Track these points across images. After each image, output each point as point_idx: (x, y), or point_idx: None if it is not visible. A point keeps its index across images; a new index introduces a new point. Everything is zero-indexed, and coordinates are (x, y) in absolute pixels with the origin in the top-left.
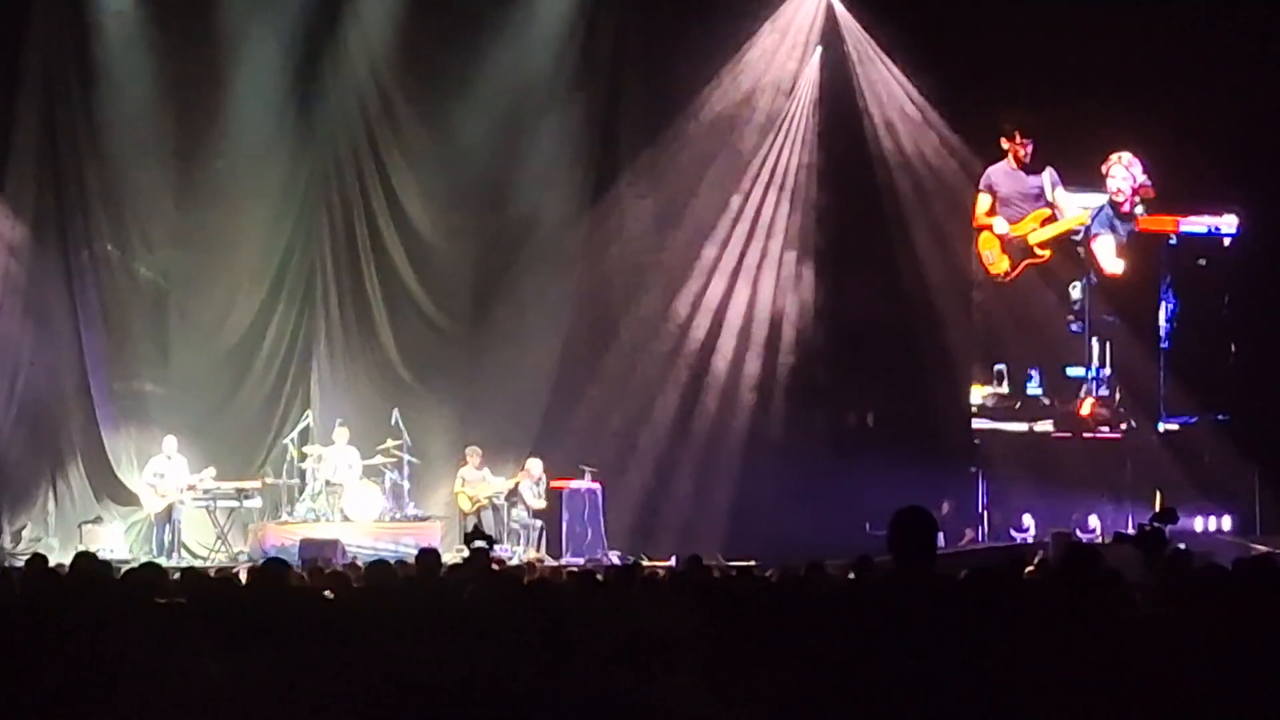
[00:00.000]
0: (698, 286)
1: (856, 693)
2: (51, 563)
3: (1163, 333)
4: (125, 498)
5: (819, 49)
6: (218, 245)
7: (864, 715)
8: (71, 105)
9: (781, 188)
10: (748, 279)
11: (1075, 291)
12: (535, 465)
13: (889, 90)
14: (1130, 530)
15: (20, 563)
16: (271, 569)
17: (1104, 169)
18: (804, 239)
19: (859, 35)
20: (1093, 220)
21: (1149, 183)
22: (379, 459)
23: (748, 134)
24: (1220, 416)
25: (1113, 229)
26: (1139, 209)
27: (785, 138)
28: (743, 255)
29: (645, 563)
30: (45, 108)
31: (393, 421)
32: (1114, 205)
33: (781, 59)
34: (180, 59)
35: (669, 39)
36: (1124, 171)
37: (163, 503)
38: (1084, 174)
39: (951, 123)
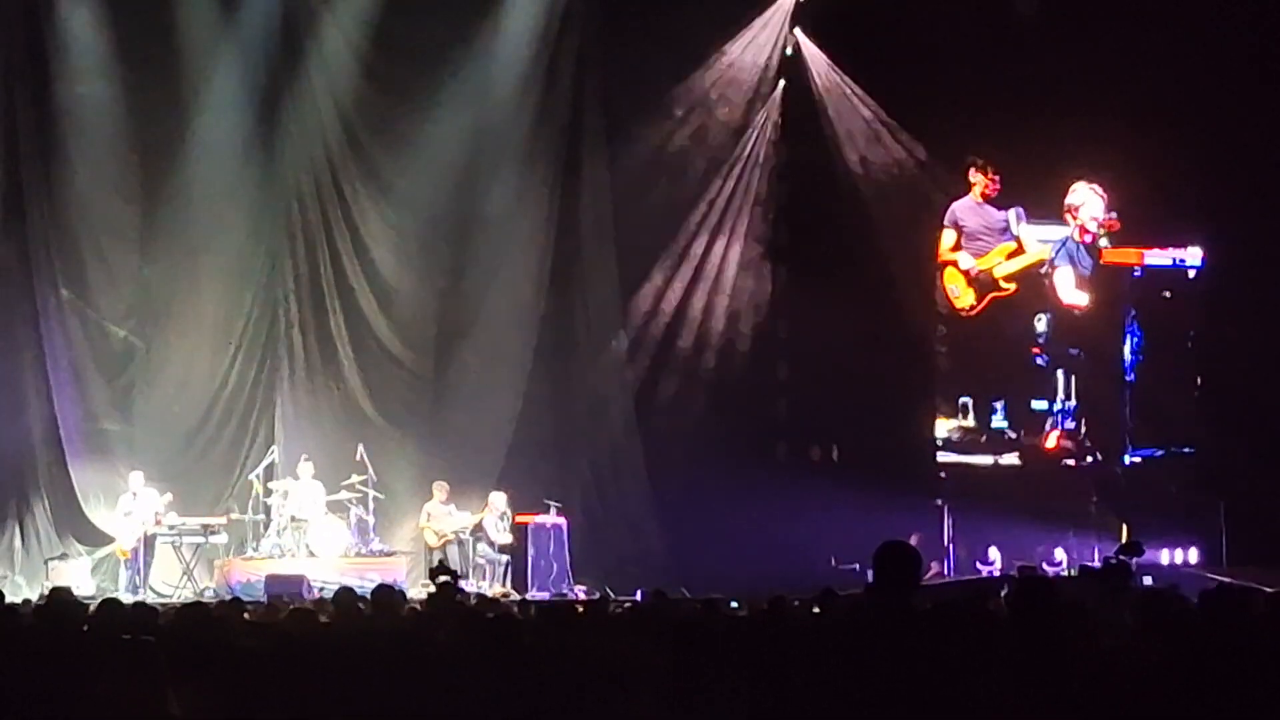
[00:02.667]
0: (661, 321)
1: None
2: (18, 599)
3: (1128, 365)
4: (91, 536)
5: (781, 83)
6: (182, 282)
7: None
8: (34, 144)
9: (742, 222)
10: (710, 313)
11: (1040, 324)
12: (499, 499)
13: (853, 124)
14: (1096, 563)
15: None
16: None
17: (1065, 200)
18: (766, 274)
19: (824, 67)
20: (1055, 253)
21: (1114, 215)
22: (344, 494)
23: (708, 169)
24: (1186, 449)
25: (1073, 261)
26: (1103, 241)
27: (745, 172)
28: (709, 292)
29: (610, 597)
30: (7, 147)
31: (358, 457)
32: (1077, 238)
33: (744, 90)
34: (143, 97)
35: (629, 72)
36: (1090, 199)
37: (135, 536)
38: (1048, 206)
39: (916, 156)
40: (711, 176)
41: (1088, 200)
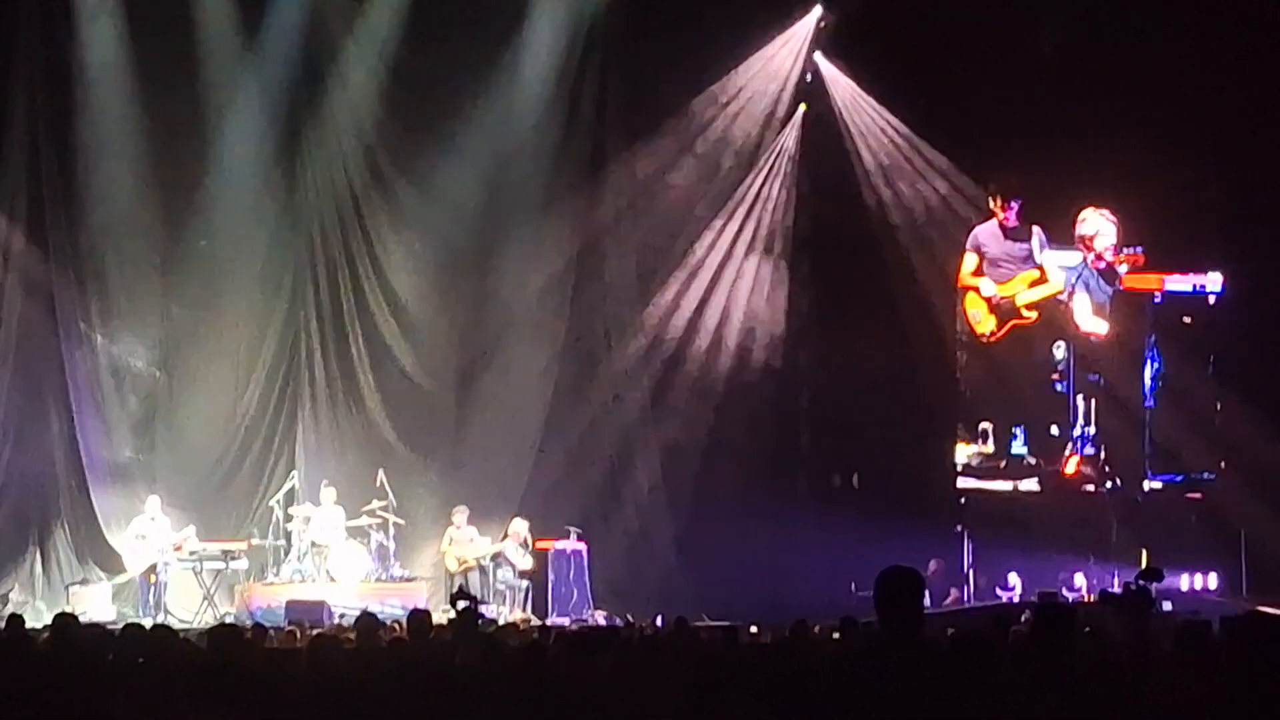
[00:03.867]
0: (681, 346)
1: None
2: (38, 625)
3: (1147, 391)
4: (111, 561)
5: (801, 106)
6: (204, 311)
7: None
8: (56, 173)
9: (761, 247)
10: (731, 338)
11: (1059, 351)
12: (520, 526)
13: (876, 146)
14: (1116, 589)
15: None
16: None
17: (1076, 230)
18: (787, 300)
19: (845, 89)
20: (1073, 281)
21: (1139, 250)
22: (364, 520)
23: (728, 195)
24: (1206, 475)
25: (1089, 289)
26: (1122, 268)
27: (765, 197)
28: (725, 315)
29: (631, 623)
30: (31, 175)
31: (378, 483)
32: (1090, 265)
33: (763, 111)
34: (165, 126)
35: (649, 99)
36: (1102, 226)
37: (146, 563)
38: (1067, 231)
39: (940, 180)
40: (732, 204)
41: (1100, 228)
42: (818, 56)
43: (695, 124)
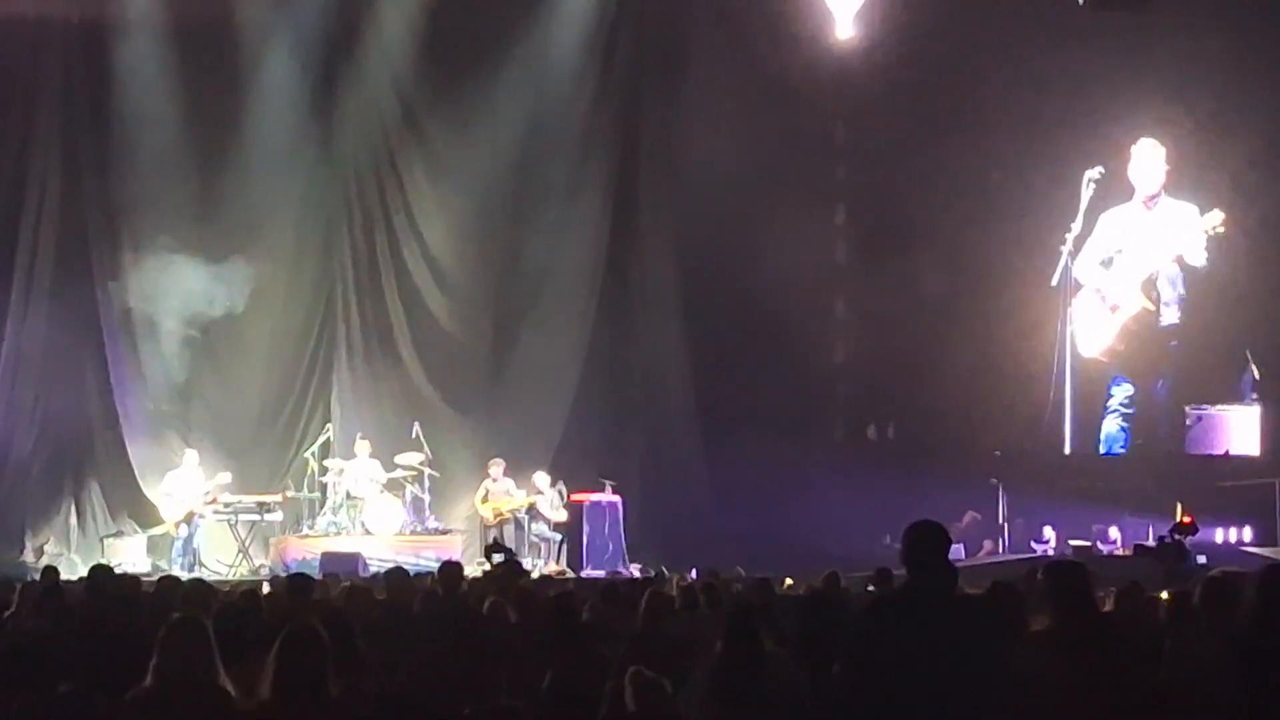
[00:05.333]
0: (717, 296)
1: (873, 706)
2: (73, 577)
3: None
4: (145, 514)
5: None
6: (239, 262)
7: None
8: (90, 126)
9: (804, 199)
10: (769, 291)
11: None
12: (542, 479)
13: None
14: (1151, 542)
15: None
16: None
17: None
18: (827, 249)
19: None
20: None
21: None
22: (399, 472)
23: (771, 144)
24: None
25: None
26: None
27: (808, 148)
28: (762, 265)
29: (665, 575)
30: (65, 122)
31: (413, 435)
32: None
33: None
34: (199, 77)
35: (691, 45)
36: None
37: (180, 512)
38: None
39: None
40: (774, 152)
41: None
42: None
43: (738, 71)
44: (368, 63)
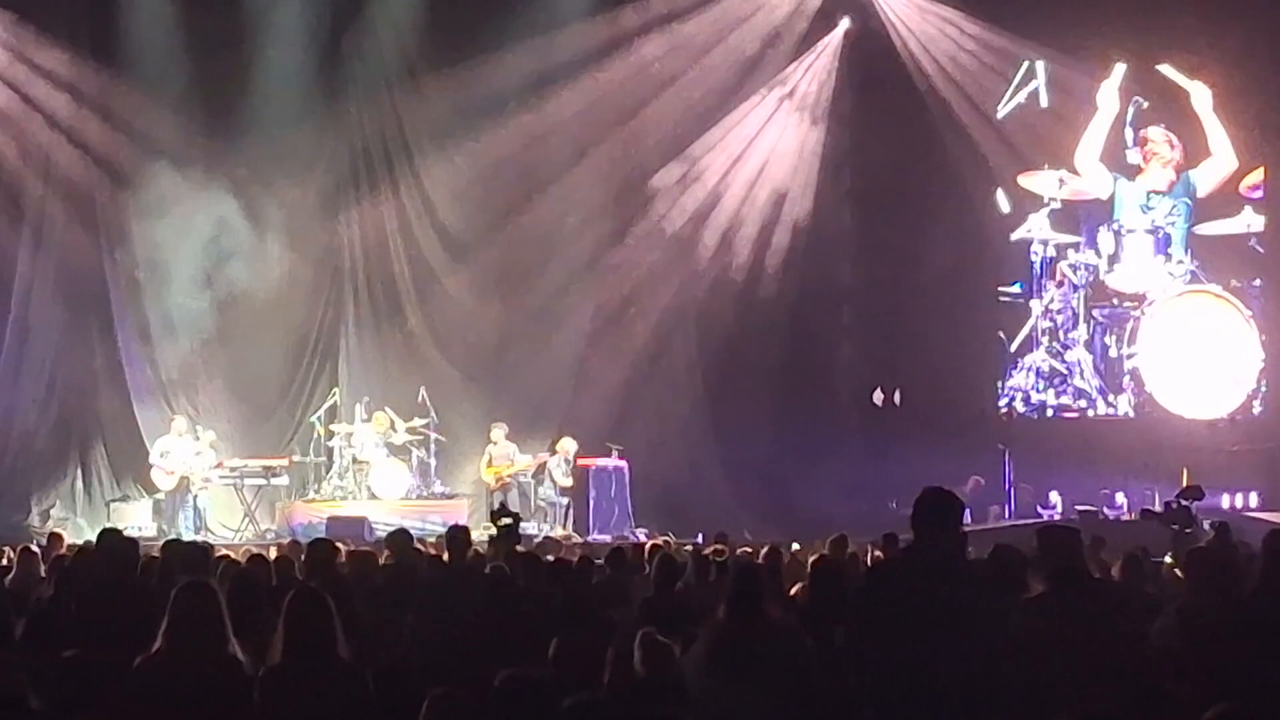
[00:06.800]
0: (729, 264)
1: (877, 669)
2: (79, 541)
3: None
4: (151, 478)
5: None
6: (246, 226)
7: (886, 692)
8: (96, 90)
9: (814, 161)
10: (777, 258)
11: None
12: (569, 444)
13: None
14: (1157, 507)
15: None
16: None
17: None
18: (834, 215)
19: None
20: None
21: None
22: (406, 436)
23: (780, 106)
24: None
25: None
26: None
27: (815, 106)
28: (775, 235)
29: (671, 540)
30: (73, 90)
31: (419, 399)
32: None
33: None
34: (206, 38)
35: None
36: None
37: (172, 480)
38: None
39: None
40: (780, 111)
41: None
42: None
43: (743, 27)
44: (375, 30)
